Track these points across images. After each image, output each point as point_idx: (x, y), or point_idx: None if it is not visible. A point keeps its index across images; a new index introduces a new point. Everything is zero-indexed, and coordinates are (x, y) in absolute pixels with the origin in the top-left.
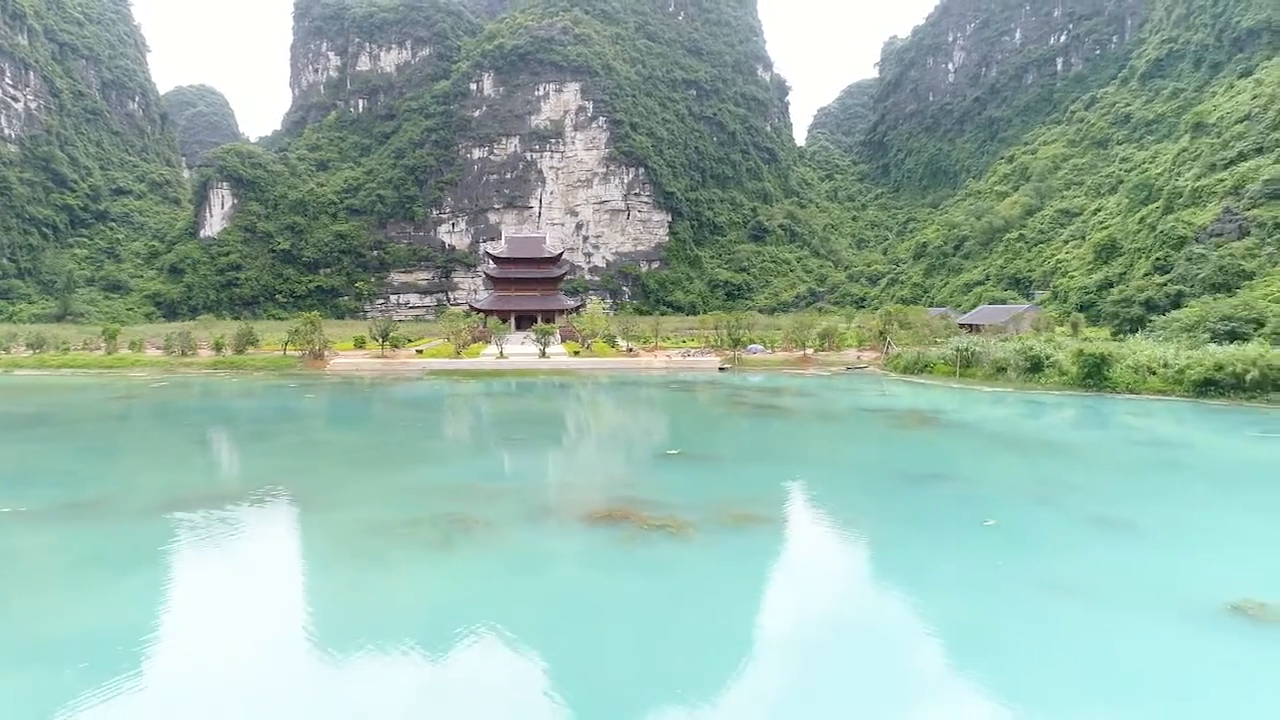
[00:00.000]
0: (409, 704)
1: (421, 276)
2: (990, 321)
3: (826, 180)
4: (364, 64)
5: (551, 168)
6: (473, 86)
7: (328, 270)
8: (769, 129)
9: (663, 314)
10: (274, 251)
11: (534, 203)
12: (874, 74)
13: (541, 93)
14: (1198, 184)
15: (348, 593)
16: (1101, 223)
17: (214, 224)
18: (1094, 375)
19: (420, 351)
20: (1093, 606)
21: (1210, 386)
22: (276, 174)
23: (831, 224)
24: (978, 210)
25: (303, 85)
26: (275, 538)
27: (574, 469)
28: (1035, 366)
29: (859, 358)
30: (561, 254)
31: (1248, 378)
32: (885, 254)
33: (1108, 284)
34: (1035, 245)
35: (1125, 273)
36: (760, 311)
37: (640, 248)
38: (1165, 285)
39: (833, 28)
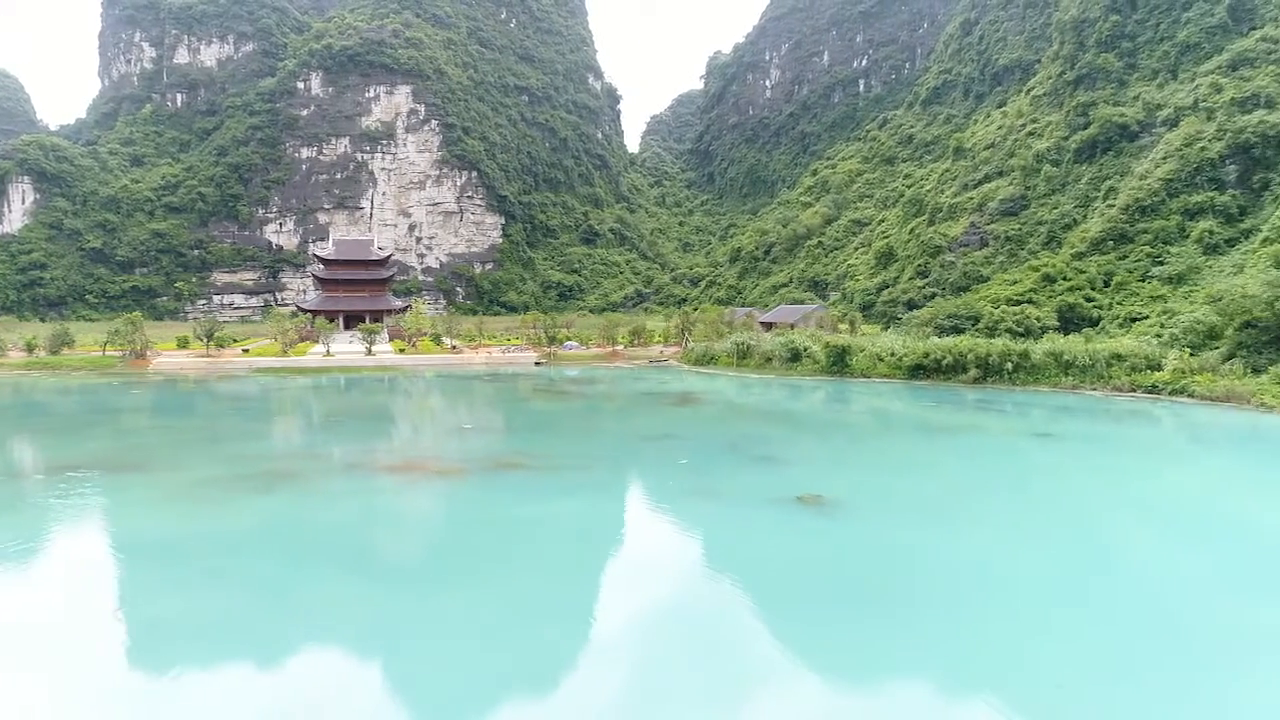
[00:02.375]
0: (220, 568)
1: (247, 277)
2: (785, 320)
3: (656, 186)
4: (182, 57)
5: (383, 169)
6: (300, 85)
7: (144, 270)
8: (600, 136)
9: (495, 314)
10: (83, 250)
11: (365, 204)
12: (701, 85)
13: (372, 94)
14: (954, 201)
15: (188, 518)
16: (883, 233)
17: (13, 220)
18: (838, 363)
19: (246, 351)
20: (718, 501)
21: (920, 370)
22: (85, 168)
23: (660, 228)
24: (784, 219)
25: (113, 76)
26: (125, 488)
27: (382, 440)
28: (795, 357)
29: (662, 353)
30: (390, 256)
31: (944, 363)
32: (707, 257)
33: (885, 286)
34: (831, 251)
35: (898, 277)
36: (591, 312)
37: (474, 249)
38: (923, 287)
39: (667, 38)
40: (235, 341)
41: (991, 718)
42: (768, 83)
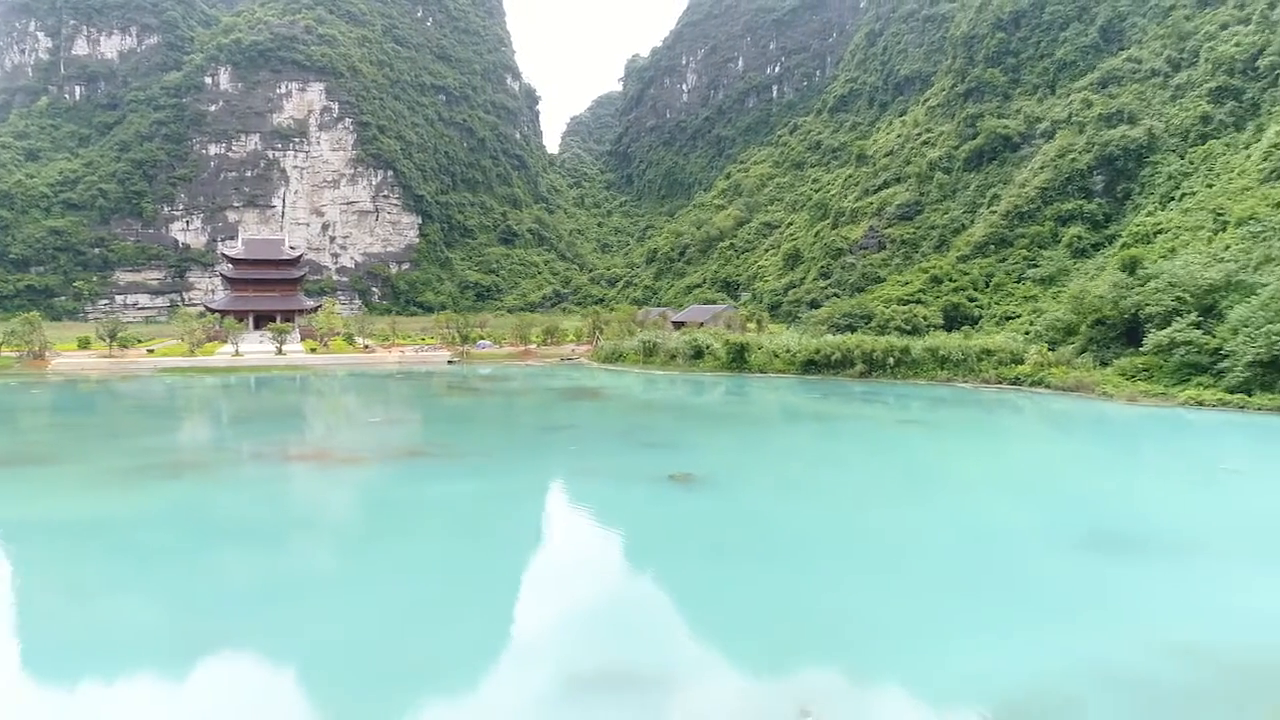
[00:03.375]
0: (129, 543)
1: (152, 276)
2: (696, 320)
3: (575, 187)
4: (81, 48)
5: (295, 167)
6: (208, 80)
7: (41, 269)
8: (519, 136)
9: (412, 314)
10: None
11: (277, 202)
12: (620, 87)
13: (284, 91)
14: (855, 205)
15: (96, 503)
16: (791, 235)
17: None
18: (737, 359)
19: (152, 351)
20: (599, 480)
21: (812, 366)
22: None
23: (578, 229)
24: (699, 221)
25: (6, 67)
26: (31, 479)
27: (290, 434)
28: (698, 354)
29: (574, 351)
30: (301, 255)
31: (834, 359)
32: (625, 258)
33: (791, 286)
34: (743, 253)
35: (804, 278)
36: (509, 312)
37: (390, 249)
38: (825, 288)
39: (587, 39)
40: (140, 342)
41: (824, 639)
42: (684, 87)
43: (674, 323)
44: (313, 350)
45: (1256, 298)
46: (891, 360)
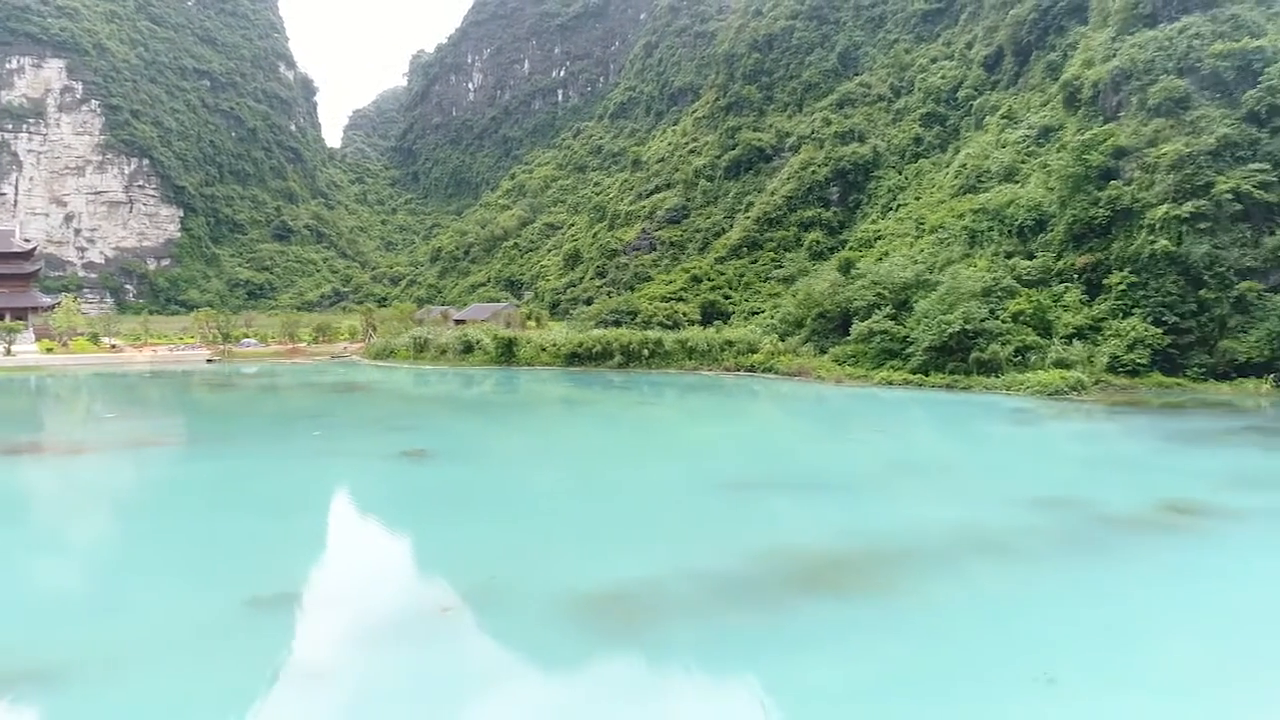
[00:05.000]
0: None
1: None
2: (477, 318)
3: (358, 183)
4: None
5: (31, 151)
6: None
7: None
8: (294, 128)
9: (175, 313)
10: None
11: (8, 189)
12: (405, 82)
13: (15, 66)
14: (630, 208)
15: None
16: (573, 236)
17: None
18: (506, 353)
19: None
20: (337, 457)
21: (575, 358)
22: None
23: (360, 226)
24: (484, 220)
25: None
26: None
27: (8, 430)
28: (468, 349)
29: (346, 349)
30: (36, 249)
31: (595, 351)
32: (410, 257)
33: (571, 285)
34: (527, 253)
35: (583, 277)
36: (284, 310)
37: (147, 244)
38: (601, 287)
39: (369, 30)
40: None
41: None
42: (471, 85)
43: (455, 321)
44: (49, 351)
45: (935, 293)
46: (646, 352)
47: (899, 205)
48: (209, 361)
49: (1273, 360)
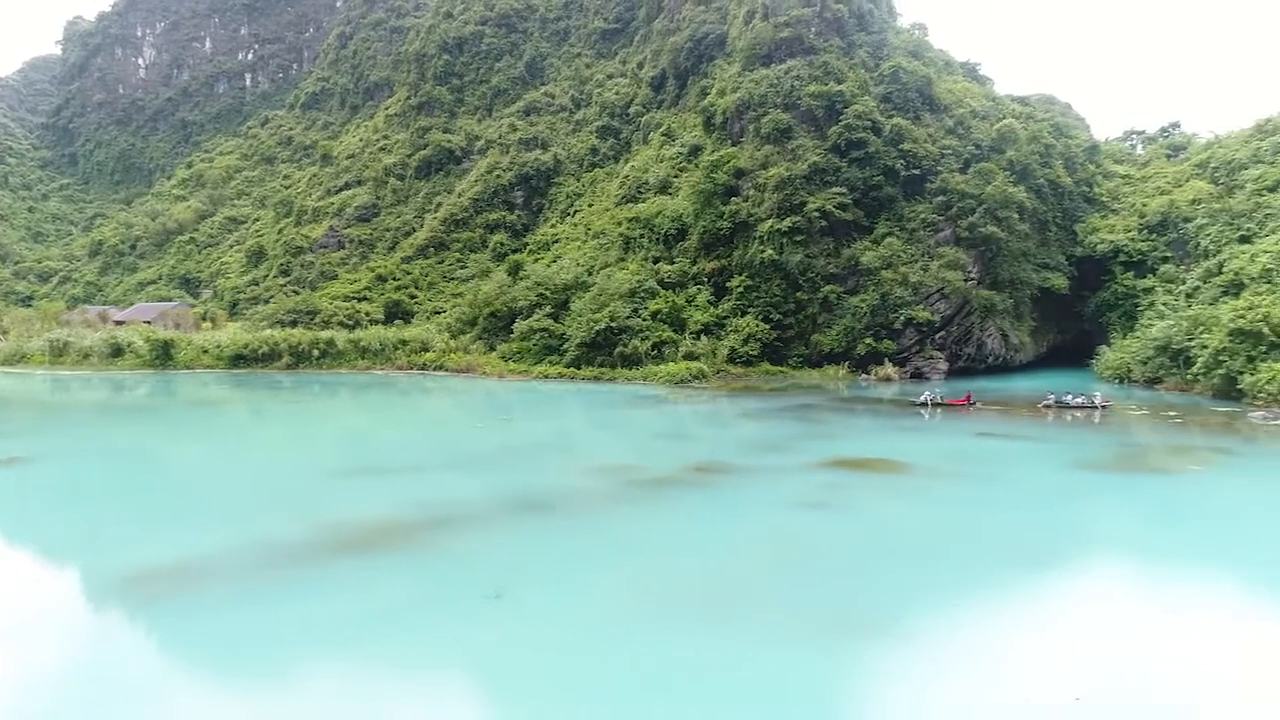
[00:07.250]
0: None
1: None
2: (141, 318)
3: None
4: None
5: None
6: None
7: None
8: None
9: None
10: None
11: None
12: (59, 51)
13: None
14: (319, 204)
15: None
16: (257, 231)
17: None
18: (162, 356)
19: None
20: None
21: (240, 360)
22: None
23: (1, 214)
24: (155, 211)
25: None
26: None
27: None
28: (117, 352)
29: None
30: None
31: (261, 352)
32: (64, 250)
33: (254, 283)
34: (205, 248)
35: (266, 275)
36: None
37: None
38: (285, 285)
39: None
40: None
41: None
42: (141, 61)
43: (116, 321)
44: None
45: (588, 294)
46: (317, 352)
47: (575, 211)
48: None
49: (849, 350)
